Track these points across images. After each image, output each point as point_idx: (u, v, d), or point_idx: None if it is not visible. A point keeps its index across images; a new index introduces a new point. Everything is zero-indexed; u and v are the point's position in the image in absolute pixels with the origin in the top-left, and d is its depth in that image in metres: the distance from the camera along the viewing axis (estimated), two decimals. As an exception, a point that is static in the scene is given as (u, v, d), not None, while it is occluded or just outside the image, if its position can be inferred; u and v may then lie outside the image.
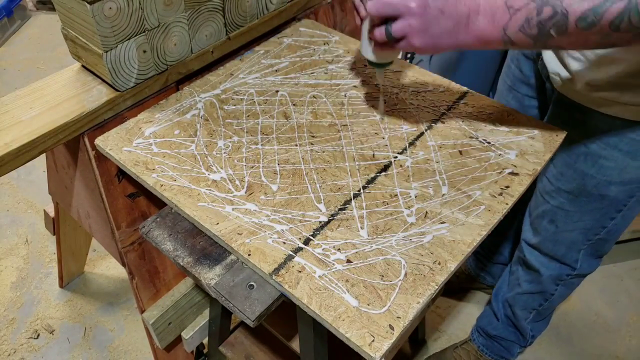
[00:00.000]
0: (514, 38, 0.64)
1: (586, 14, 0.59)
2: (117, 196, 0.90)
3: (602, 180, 0.92)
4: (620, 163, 0.89)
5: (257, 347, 1.11)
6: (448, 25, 0.65)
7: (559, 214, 1.03)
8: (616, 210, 0.97)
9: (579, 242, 1.05)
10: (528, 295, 1.20)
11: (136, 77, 0.84)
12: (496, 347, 1.35)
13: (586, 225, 1.01)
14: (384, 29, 0.69)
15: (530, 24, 0.62)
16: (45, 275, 1.63)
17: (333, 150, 0.83)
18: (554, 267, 1.12)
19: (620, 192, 0.93)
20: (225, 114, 0.89)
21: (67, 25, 0.82)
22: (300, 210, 0.74)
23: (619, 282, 1.67)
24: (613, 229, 1.01)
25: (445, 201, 0.75)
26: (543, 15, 0.61)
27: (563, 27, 0.60)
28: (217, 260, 0.72)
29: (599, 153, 0.90)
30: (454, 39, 0.66)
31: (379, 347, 0.59)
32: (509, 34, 0.64)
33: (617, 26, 0.58)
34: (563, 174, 0.98)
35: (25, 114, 0.79)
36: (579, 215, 1.00)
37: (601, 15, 0.58)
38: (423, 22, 0.65)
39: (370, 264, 0.67)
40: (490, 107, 0.90)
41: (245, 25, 0.99)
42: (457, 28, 0.65)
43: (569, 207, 1.00)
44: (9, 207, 1.82)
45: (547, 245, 1.09)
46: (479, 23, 0.65)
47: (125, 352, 1.46)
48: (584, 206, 0.98)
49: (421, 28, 0.66)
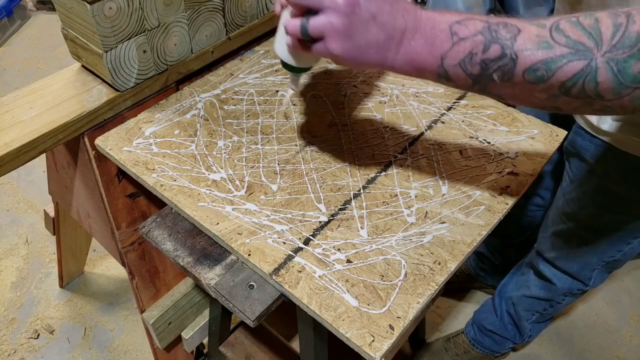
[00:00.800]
0: (451, 72, 0.54)
1: (537, 65, 0.49)
2: (117, 196, 0.90)
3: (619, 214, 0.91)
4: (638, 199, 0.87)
5: (257, 347, 1.10)
6: (379, 37, 0.54)
7: (574, 236, 1.01)
8: (633, 237, 0.96)
9: (593, 263, 1.04)
10: (535, 299, 1.20)
11: (136, 77, 0.84)
12: (487, 341, 1.35)
13: (601, 249, 1.00)
14: (299, 22, 0.57)
15: (473, 60, 0.52)
16: (45, 275, 1.63)
17: (333, 150, 0.83)
18: (566, 281, 1.11)
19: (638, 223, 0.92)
20: (226, 114, 0.89)
21: (67, 25, 0.81)
22: (300, 210, 0.74)
23: (619, 282, 1.67)
24: (629, 252, 0.99)
25: (445, 201, 0.75)
26: (489, 53, 0.51)
27: (509, 73, 0.51)
28: (217, 260, 0.72)
29: (617, 189, 0.88)
30: (382, 55, 0.55)
31: (379, 347, 0.59)
32: (446, 65, 0.53)
33: (568, 89, 0.50)
34: (580, 201, 0.96)
35: (25, 114, 0.79)
36: (594, 241, 0.99)
37: (553, 72, 0.49)
38: (348, 24, 0.53)
39: (370, 264, 0.67)
40: (490, 107, 0.90)
41: (245, 25, 0.99)
42: (389, 43, 0.54)
43: (584, 233, 0.99)
44: (9, 207, 1.82)
45: (561, 261, 1.08)
46: (414, 43, 0.54)
47: (125, 352, 1.46)
48: (600, 234, 0.97)
49: (344, 30, 0.54)
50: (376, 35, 0.54)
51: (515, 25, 0.50)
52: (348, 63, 0.57)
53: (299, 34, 0.57)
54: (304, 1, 0.56)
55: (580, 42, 0.48)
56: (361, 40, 0.54)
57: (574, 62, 0.48)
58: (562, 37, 0.49)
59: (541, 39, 0.49)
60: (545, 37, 0.49)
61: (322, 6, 0.54)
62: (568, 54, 0.48)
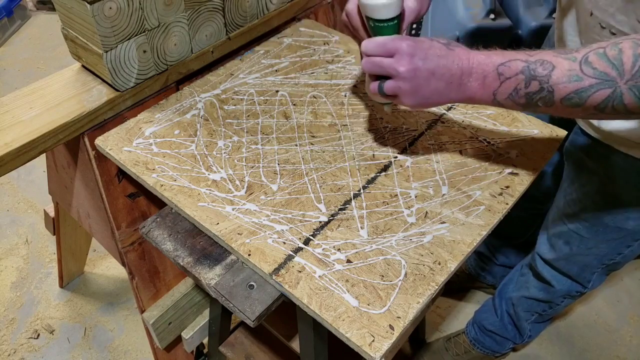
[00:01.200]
0: (504, 103, 0.65)
1: (571, 95, 0.59)
2: (117, 196, 0.90)
3: (619, 215, 0.91)
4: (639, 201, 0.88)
5: (257, 347, 1.10)
6: (439, 85, 0.65)
7: (574, 237, 1.01)
8: (633, 240, 0.96)
9: (593, 266, 1.04)
10: (534, 300, 1.20)
11: (136, 77, 0.84)
12: (488, 341, 1.35)
13: (601, 252, 1.00)
14: (377, 85, 0.69)
15: (519, 94, 0.62)
16: (45, 275, 1.63)
17: (333, 150, 0.83)
18: (565, 283, 1.11)
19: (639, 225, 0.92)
20: (226, 114, 0.89)
21: (67, 25, 0.82)
22: (301, 210, 0.74)
23: (619, 282, 1.67)
24: (629, 255, 1.00)
25: (445, 201, 0.75)
26: (530, 88, 0.61)
27: (549, 102, 0.61)
28: (217, 260, 0.72)
29: (618, 191, 0.89)
30: (446, 97, 0.66)
31: (379, 347, 0.59)
32: (499, 99, 0.64)
33: (602, 110, 0.59)
34: (581, 202, 0.96)
35: (25, 114, 0.79)
36: (594, 243, 0.99)
37: (585, 99, 0.59)
38: (412, 86, 0.65)
39: (370, 264, 0.67)
40: (490, 107, 0.90)
41: (245, 25, 0.99)
42: (449, 88, 0.65)
43: (585, 233, 0.99)
44: (9, 207, 1.82)
45: (561, 263, 1.08)
46: (470, 85, 0.65)
47: (125, 352, 1.46)
48: (600, 235, 0.97)
49: (411, 90, 0.66)
50: (438, 86, 0.65)
51: (550, 62, 0.60)
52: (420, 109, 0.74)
53: (378, 93, 0.70)
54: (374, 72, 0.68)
55: (606, 72, 0.57)
56: (426, 92, 0.66)
57: (602, 91, 0.57)
58: (590, 69, 0.58)
59: (572, 73, 0.59)
60: (576, 71, 0.59)
61: (390, 75, 0.66)
62: (595, 84, 0.58)
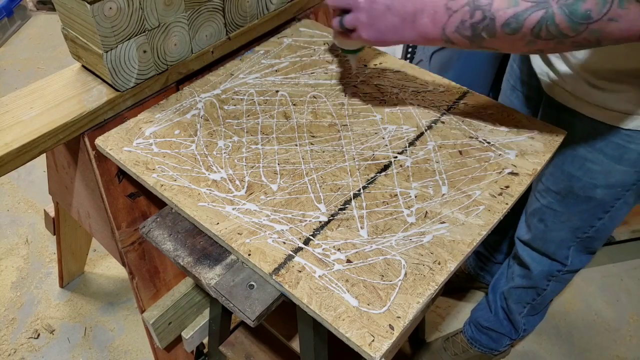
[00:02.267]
0: (452, 37, 0.68)
1: (509, 20, 0.62)
2: (118, 196, 0.90)
3: (588, 182, 0.94)
4: (605, 167, 0.90)
5: (257, 347, 1.11)
6: (395, 21, 0.69)
7: (548, 213, 1.04)
8: (603, 211, 0.98)
9: (568, 240, 1.07)
10: (521, 289, 1.22)
11: (136, 77, 0.84)
12: (484, 339, 1.36)
13: (574, 224, 1.03)
14: (338, 20, 0.75)
15: (465, 26, 0.66)
16: (45, 275, 1.63)
17: (333, 150, 0.83)
18: (544, 263, 1.13)
19: (607, 195, 0.95)
20: (226, 114, 0.89)
21: (67, 25, 0.82)
22: (300, 210, 0.74)
23: (619, 281, 1.67)
24: (601, 228, 1.02)
25: (445, 201, 0.75)
26: (475, 18, 0.65)
27: (492, 30, 0.64)
28: (217, 260, 0.72)
29: (585, 156, 0.92)
30: (400, 35, 0.70)
31: (379, 347, 0.59)
32: (447, 33, 0.68)
33: (538, 34, 0.62)
34: (552, 174, 0.99)
35: (25, 114, 0.79)
36: (567, 216, 1.02)
37: (522, 23, 0.62)
38: (370, 17, 0.70)
39: (370, 264, 0.68)
40: (491, 107, 0.90)
41: (245, 25, 0.99)
42: (404, 26, 0.69)
43: (557, 207, 1.02)
44: (9, 207, 1.82)
45: (537, 242, 1.11)
46: (423, 22, 0.68)
47: (125, 352, 1.46)
48: (571, 207, 1.00)
49: (368, 22, 0.71)
50: (393, 21, 0.70)
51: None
52: (377, 44, 0.75)
53: (339, 28, 0.76)
54: (336, 4, 0.74)
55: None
56: (382, 26, 0.71)
57: (536, 12, 0.61)
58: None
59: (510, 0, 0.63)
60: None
61: (350, 6, 0.72)
62: (530, 7, 0.61)
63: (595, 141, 0.89)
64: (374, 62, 1.00)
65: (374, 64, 1.00)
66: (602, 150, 0.89)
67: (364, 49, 0.89)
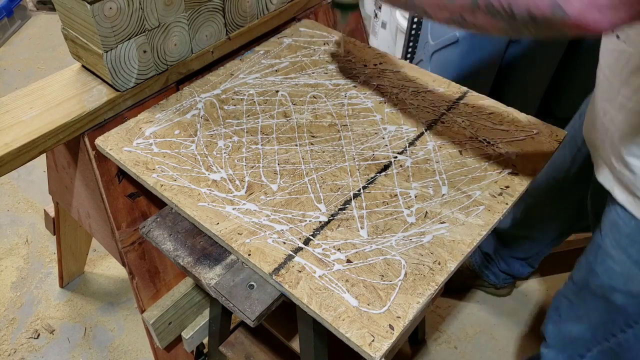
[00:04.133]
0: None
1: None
2: (117, 196, 0.90)
3: (605, 282, 0.83)
4: (626, 270, 0.79)
5: (257, 347, 1.10)
6: None
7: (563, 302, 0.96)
8: (625, 324, 0.85)
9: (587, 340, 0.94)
10: None
11: (136, 77, 0.84)
12: None
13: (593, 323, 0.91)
14: None
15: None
16: (45, 275, 1.63)
17: (333, 150, 0.83)
18: None
19: (629, 305, 0.82)
20: (226, 114, 0.89)
21: (67, 25, 0.82)
22: (300, 210, 0.74)
23: (619, 282, 1.66)
24: (625, 345, 0.87)
25: (445, 201, 0.75)
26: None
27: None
28: (217, 260, 0.72)
29: (609, 251, 0.81)
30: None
31: (379, 347, 0.59)
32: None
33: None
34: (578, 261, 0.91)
35: (25, 114, 0.79)
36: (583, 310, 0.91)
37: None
38: None
39: (370, 264, 0.67)
40: (490, 107, 0.90)
41: (245, 25, 0.99)
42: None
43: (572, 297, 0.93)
44: (9, 207, 1.82)
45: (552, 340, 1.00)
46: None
47: (125, 352, 1.46)
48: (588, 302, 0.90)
49: None
50: None
51: None
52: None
53: None
54: None
55: None
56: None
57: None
58: None
59: None
60: None
61: None
62: None
63: (621, 237, 0.78)
64: (374, 62, 1.00)
65: (374, 64, 1.00)
66: (626, 250, 0.77)
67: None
